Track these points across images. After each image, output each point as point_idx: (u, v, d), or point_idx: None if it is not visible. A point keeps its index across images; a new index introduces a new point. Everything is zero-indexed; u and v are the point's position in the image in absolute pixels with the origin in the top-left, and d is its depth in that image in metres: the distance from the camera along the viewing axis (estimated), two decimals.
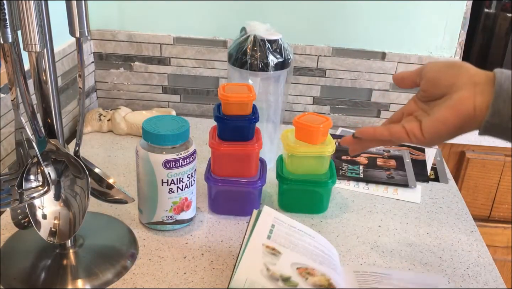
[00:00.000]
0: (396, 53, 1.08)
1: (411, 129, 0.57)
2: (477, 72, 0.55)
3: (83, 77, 0.59)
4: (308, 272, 0.59)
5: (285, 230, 0.64)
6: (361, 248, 0.73)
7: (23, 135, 0.59)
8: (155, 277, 0.65)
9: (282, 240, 0.62)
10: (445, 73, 0.56)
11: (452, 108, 0.54)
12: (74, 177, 0.62)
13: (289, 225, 0.66)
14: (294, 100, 1.13)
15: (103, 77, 1.12)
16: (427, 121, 0.56)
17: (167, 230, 0.73)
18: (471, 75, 0.54)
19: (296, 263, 0.59)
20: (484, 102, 0.52)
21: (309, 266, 0.60)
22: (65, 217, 0.63)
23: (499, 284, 0.68)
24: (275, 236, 0.62)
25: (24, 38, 0.52)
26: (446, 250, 0.74)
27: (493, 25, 1.13)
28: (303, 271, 0.58)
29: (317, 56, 1.09)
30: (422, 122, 0.56)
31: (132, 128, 1.00)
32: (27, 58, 0.56)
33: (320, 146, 0.76)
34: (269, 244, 0.61)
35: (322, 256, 0.63)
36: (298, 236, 0.65)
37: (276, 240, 0.62)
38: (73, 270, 0.64)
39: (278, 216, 0.67)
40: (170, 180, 0.68)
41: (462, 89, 0.53)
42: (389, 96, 1.12)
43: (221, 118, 0.73)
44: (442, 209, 0.84)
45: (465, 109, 0.53)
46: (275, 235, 0.63)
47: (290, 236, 0.64)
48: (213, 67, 1.10)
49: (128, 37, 1.08)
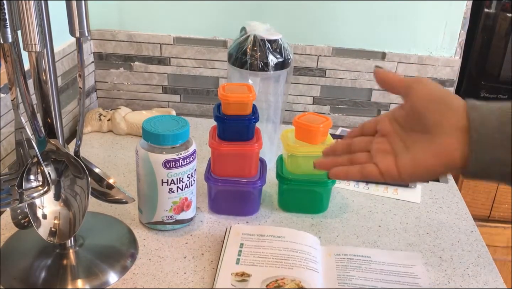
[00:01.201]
0: (396, 53, 1.08)
1: (387, 169, 0.53)
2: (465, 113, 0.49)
3: (83, 77, 0.59)
4: (278, 285, 0.61)
5: (254, 244, 0.69)
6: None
7: (23, 135, 0.59)
8: (155, 277, 0.65)
9: (251, 257, 0.66)
10: (432, 109, 0.50)
11: (436, 156, 0.49)
12: (74, 177, 0.62)
13: (258, 235, 0.70)
14: (294, 100, 1.13)
15: (103, 77, 1.12)
16: (406, 160, 0.52)
17: (167, 230, 0.73)
18: (459, 118, 0.49)
19: (266, 279, 0.62)
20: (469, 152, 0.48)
21: (279, 277, 0.62)
22: (65, 217, 0.63)
23: (499, 284, 0.68)
24: (244, 256, 0.66)
25: (24, 38, 0.52)
26: (446, 250, 0.74)
27: (493, 25, 1.13)
28: (272, 286, 0.61)
29: (317, 56, 1.09)
30: (398, 159, 0.52)
31: (132, 128, 1.00)
32: (27, 58, 0.56)
33: (320, 146, 0.76)
34: (238, 270, 0.64)
35: (292, 257, 0.66)
36: (267, 245, 0.68)
37: (245, 261, 0.65)
38: (73, 270, 0.64)
39: (246, 230, 0.71)
40: (170, 179, 0.68)
41: (448, 135, 0.49)
42: (389, 96, 1.12)
43: (221, 118, 0.73)
44: (442, 209, 0.84)
45: (452, 159, 0.49)
46: (244, 256, 0.66)
47: (259, 248, 0.68)
48: (213, 67, 1.10)
49: (128, 37, 1.08)
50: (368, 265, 0.68)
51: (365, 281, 0.65)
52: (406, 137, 0.53)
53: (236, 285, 0.61)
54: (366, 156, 0.56)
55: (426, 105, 0.51)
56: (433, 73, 1.10)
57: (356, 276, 0.65)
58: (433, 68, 1.09)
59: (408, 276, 0.66)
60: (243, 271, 0.64)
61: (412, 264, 0.69)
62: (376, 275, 0.66)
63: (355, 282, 0.64)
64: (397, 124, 0.55)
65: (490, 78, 1.14)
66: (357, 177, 0.55)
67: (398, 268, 0.68)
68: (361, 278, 0.65)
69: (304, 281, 0.62)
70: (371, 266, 0.68)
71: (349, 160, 0.57)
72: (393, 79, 0.56)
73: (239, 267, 0.64)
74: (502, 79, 1.13)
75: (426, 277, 0.67)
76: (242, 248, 0.68)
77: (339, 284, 0.64)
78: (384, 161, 0.53)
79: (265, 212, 0.79)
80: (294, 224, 0.77)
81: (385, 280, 0.65)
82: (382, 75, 0.56)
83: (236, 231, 0.71)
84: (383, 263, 0.68)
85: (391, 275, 0.66)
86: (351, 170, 0.56)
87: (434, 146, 0.50)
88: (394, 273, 0.67)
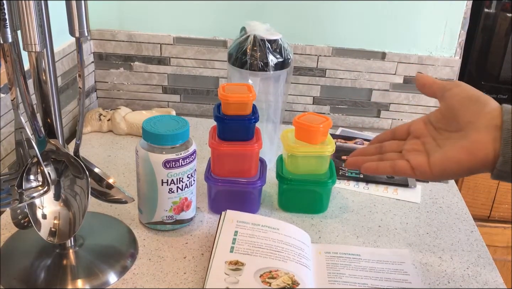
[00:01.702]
0: (396, 53, 1.08)
1: (418, 165, 0.54)
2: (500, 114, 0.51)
3: (83, 77, 0.59)
4: (272, 276, 0.61)
5: (249, 232, 0.68)
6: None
7: (23, 135, 0.59)
8: (155, 277, 0.65)
9: (245, 246, 0.65)
10: (467, 108, 0.53)
11: (468, 151, 0.50)
12: (74, 177, 0.62)
13: (253, 224, 0.69)
14: (294, 100, 1.13)
15: (103, 77, 1.12)
16: (438, 157, 0.53)
17: (167, 230, 0.73)
18: (493, 116, 0.51)
19: (260, 270, 0.62)
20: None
21: (273, 268, 0.62)
22: (65, 217, 0.63)
23: (499, 284, 0.68)
24: (238, 244, 0.65)
25: (24, 38, 0.52)
26: (446, 250, 0.74)
27: (493, 25, 1.13)
28: (266, 277, 0.61)
29: (317, 56, 1.09)
30: (431, 157, 0.53)
31: (132, 128, 1.00)
32: (27, 58, 0.56)
33: (320, 146, 0.76)
34: (232, 258, 0.63)
35: (287, 251, 0.65)
36: (262, 235, 0.67)
37: (239, 249, 0.65)
38: (73, 270, 0.64)
39: (241, 218, 0.70)
40: (170, 179, 0.68)
41: (481, 132, 0.50)
42: (389, 96, 1.12)
43: (221, 118, 0.73)
44: (442, 209, 0.84)
45: (483, 155, 0.50)
46: (238, 244, 0.66)
47: (253, 237, 0.67)
48: (213, 67, 1.10)
49: (128, 37, 1.08)
50: (357, 263, 0.68)
51: (356, 279, 0.65)
52: (439, 137, 0.55)
53: (230, 274, 0.61)
54: (397, 155, 0.58)
55: (462, 104, 0.53)
56: (433, 73, 1.10)
57: (346, 274, 0.66)
58: (433, 68, 1.09)
59: (397, 273, 0.67)
60: (237, 260, 0.63)
61: (401, 261, 0.70)
62: (366, 272, 0.67)
63: (345, 279, 0.65)
64: (431, 126, 0.57)
65: (490, 78, 1.14)
66: (388, 171, 0.56)
67: (387, 265, 0.68)
68: (352, 276, 0.66)
69: (297, 276, 0.62)
70: (361, 264, 0.68)
71: (379, 158, 0.59)
72: (433, 83, 0.58)
73: (233, 256, 0.64)
74: (502, 79, 1.13)
75: (414, 273, 0.67)
76: (237, 236, 0.67)
77: (330, 282, 0.65)
78: (416, 158, 0.55)
79: (265, 212, 0.79)
80: (294, 224, 0.77)
81: (375, 277, 0.66)
82: (424, 80, 0.59)
83: (231, 217, 0.70)
84: (372, 260, 0.69)
85: (380, 272, 0.67)
86: (382, 164, 0.57)
87: (466, 142, 0.51)
88: (383, 270, 0.67)
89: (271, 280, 0.61)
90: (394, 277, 0.66)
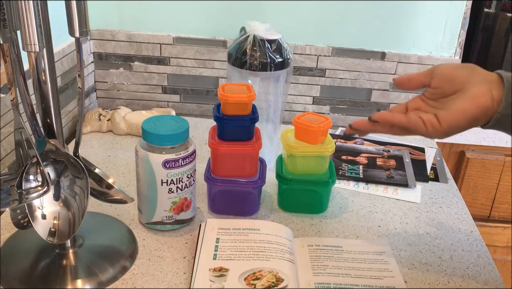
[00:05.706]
0: (396, 53, 1.08)
1: (429, 120, 0.58)
2: (489, 72, 0.58)
3: (83, 77, 0.59)
4: (256, 277, 0.62)
5: (230, 238, 0.69)
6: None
7: (23, 136, 0.59)
8: (155, 277, 0.65)
9: (228, 252, 0.67)
10: (459, 72, 0.59)
11: (471, 100, 0.56)
12: (73, 177, 0.62)
13: (233, 228, 0.71)
14: (294, 100, 1.13)
15: (102, 77, 1.12)
16: (445, 112, 0.57)
17: (167, 230, 0.73)
18: (484, 74, 0.58)
19: (244, 273, 0.63)
20: (500, 96, 0.55)
21: (256, 270, 0.63)
22: (64, 217, 0.63)
23: (499, 284, 0.68)
24: (221, 251, 0.67)
25: (24, 38, 0.52)
26: (446, 250, 0.74)
27: (493, 25, 1.13)
28: (250, 279, 0.62)
29: (317, 56, 1.08)
30: (438, 114, 0.58)
31: (132, 128, 1.00)
32: (26, 58, 0.56)
33: (320, 146, 0.76)
34: (215, 265, 0.64)
35: (269, 249, 0.67)
36: (243, 238, 0.69)
37: (222, 256, 0.66)
38: (72, 270, 0.64)
39: (221, 225, 0.71)
40: (169, 180, 0.68)
41: (478, 85, 0.56)
42: (389, 96, 1.12)
43: (221, 118, 0.73)
44: (442, 209, 0.84)
45: (484, 101, 0.55)
46: (221, 250, 0.67)
47: (235, 242, 0.68)
48: (213, 67, 1.10)
49: (127, 37, 1.08)
50: (340, 254, 0.70)
51: (339, 270, 0.67)
52: (440, 103, 0.59)
53: (215, 281, 0.62)
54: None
55: (454, 70, 0.59)
56: None
57: (329, 266, 0.67)
58: None
59: (378, 262, 0.69)
60: (220, 266, 0.64)
61: (381, 251, 0.71)
62: (348, 263, 0.68)
63: (329, 271, 0.66)
64: (429, 99, 0.61)
65: None
66: (403, 122, 0.59)
67: (368, 255, 0.70)
68: (335, 267, 0.67)
69: (281, 272, 0.63)
70: (343, 255, 0.70)
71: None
72: (414, 74, 0.63)
73: (217, 263, 0.65)
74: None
75: (394, 261, 0.69)
76: (219, 243, 0.68)
77: (314, 274, 0.66)
78: (426, 115, 0.58)
79: (265, 212, 0.79)
80: (294, 224, 0.77)
81: (357, 268, 0.67)
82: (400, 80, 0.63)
83: (211, 226, 0.71)
84: (354, 252, 0.71)
85: (362, 262, 0.68)
86: (397, 114, 0.60)
87: (469, 94, 0.56)
88: (365, 260, 0.69)
89: (256, 281, 0.62)
90: (375, 267, 0.68)
